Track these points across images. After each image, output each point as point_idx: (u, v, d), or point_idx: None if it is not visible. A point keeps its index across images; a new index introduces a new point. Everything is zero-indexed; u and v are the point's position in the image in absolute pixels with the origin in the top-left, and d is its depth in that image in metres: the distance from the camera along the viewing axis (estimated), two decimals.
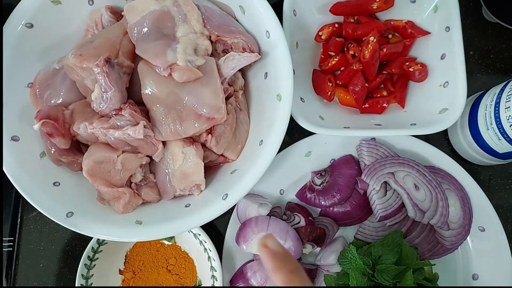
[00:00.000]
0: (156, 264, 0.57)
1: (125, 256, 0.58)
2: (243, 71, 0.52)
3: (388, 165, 0.54)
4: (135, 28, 0.46)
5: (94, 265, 0.55)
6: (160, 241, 0.58)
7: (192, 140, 0.48)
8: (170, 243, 0.58)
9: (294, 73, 0.47)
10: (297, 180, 0.58)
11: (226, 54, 0.47)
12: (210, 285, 0.53)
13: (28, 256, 0.60)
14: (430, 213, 0.53)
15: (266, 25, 0.47)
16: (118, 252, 0.58)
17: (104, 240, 0.55)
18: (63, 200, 0.47)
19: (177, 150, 0.47)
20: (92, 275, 0.55)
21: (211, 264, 0.54)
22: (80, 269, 0.53)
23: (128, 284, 0.57)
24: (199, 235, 0.54)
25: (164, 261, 0.57)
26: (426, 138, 0.58)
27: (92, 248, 0.54)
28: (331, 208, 0.56)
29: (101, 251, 0.55)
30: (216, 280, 0.53)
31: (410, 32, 0.56)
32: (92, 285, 0.55)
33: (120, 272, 0.58)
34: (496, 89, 0.52)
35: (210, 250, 0.54)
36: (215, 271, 0.53)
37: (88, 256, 0.54)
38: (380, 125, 0.54)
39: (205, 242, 0.54)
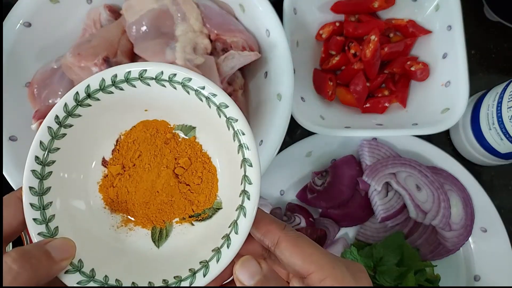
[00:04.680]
0: (159, 161, 0.36)
1: (117, 140, 0.36)
2: (242, 70, 0.52)
3: (390, 166, 0.54)
4: (134, 27, 0.46)
5: (63, 135, 0.32)
6: (173, 131, 0.37)
7: None
8: (187, 137, 0.37)
9: (294, 72, 0.46)
10: (297, 180, 0.57)
11: (225, 53, 0.47)
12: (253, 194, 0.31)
13: None
14: (432, 214, 0.52)
15: (266, 23, 0.46)
16: (107, 130, 0.35)
17: (87, 98, 0.32)
18: None
19: None
20: (54, 161, 0.31)
21: (245, 171, 0.31)
22: (40, 135, 0.31)
23: (110, 183, 0.35)
24: (236, 120, 0.31)
25: (172, 159, 0.37)
26: (428, 138, 0.58)
27: (66, 106, 0.31)
28: (332, 209, 0.56)
29: (80, 116, 0.32)
30: (249, 199, 0.30)
31: (412, 31, 0.56)
32: (51, 179, 0.31)
33: (104, 162, 0.36)
34: (498, 89, 0.51)
35: (249, 149, 0.30)
36: (250, 183, 0.30)
37: (56, 118, 0.31)
38: (381, 125, 0.53)
39: (243, 134, 0.31)
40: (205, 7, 0.48)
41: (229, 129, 0.31)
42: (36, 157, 0.30)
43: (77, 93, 0.31)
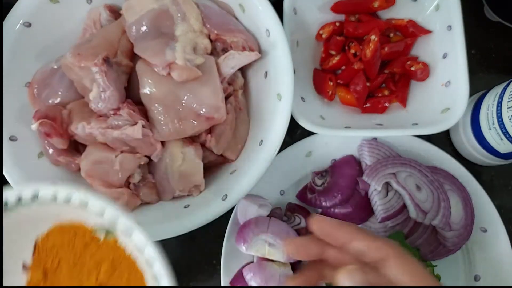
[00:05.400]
0: (80, 269, 0.34)
1: (35, 244, 0.35)
2: (242, 70, 0.52)
3: (390, 166, 0.54)
4: (134, 27, 0.46)
5: None
6: (92, 233, 0.34)
7: (191, 140, 0.48)
8: (108, 239, 0.34)
9: (294, 72, 0.46)
10: (297, 180, 0.57)
11: (225, 53, 0.47)
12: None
13: None
14: (432, 214, 0.52)
15: (266, 23, 0.46)
16: (25, 236, 0.34)
17: (8, 202, 0.32)
18: None
19: (176, 150, 0.47)
20: None
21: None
22: None
23: None
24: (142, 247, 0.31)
25: (94, 267, 0.34)
26: (428, 138, 0.58)
27: None
28: (332, 209, 0.56)
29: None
30: None
31: (412, 31, 0.56)
32: None
33: (25, 268, 0.35)
34: (498, 89, 0.51)
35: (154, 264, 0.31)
36: None
37: None
38: (381, 125, 0.53)
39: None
40: (205, 7, 0.48)
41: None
42: None
43: None
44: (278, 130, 0.45)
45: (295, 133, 0.59)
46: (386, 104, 0.56)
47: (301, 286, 0.31)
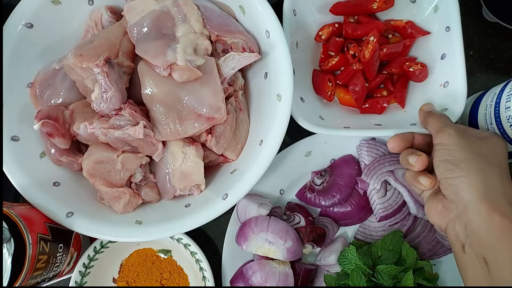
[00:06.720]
0: (150, 277, 0.57)
1: (120, 265, 0.58)
2: (243, 71, 0.52)
3: (387, 163, 0.54)
4: (135, 28, 0.46)
5: (89, 272, 0.55)
6: (157, 254, 0.58)
7: (192, 140, 0.48)
8: (166, 257, 0.58)
9: (294, 73, 0.47)
10: (297, 180, 0.58)
11: (226, 54, 0.47)
12: (211, 285, 0.53)
13: None
14: None
15: (266, 25, 0.47)
16: (114, 261, 0.58)
17: (101, 248, 0.55)
18: (63, 200, 0.47)
19: (177, 150, 0.47)
20: (86, 282, 0.55)
21: (205, 284, 0.54)
22: (74, 276, 0.53)
23: None
24: (196, 253, 0.54)
25: (159, 275, 0.57)
26: None
27: (88, 255, 0.54)
28: (331, 208, 0.56)
29: (97, 259, 0.55)
30: None
31: (410, 32, 0.56)
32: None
33: (114, 280, 0.58)
34: (496, 89, 0.52)
35: (206, 270, 0.54)
36: None
37: (84, 263, 0.54)
38: (380, 125, 0.54)
39: (201, 261, 0.54)
40: (205, 8, 0.48)
41: (192, 256, 0.55)
42: (75, 282, 0.53)
43: (95, 247, 0.54)
44: (278, 130, 0.45)
45: (295, 133, 0.59)
46: (385, 105, 0.56)
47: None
